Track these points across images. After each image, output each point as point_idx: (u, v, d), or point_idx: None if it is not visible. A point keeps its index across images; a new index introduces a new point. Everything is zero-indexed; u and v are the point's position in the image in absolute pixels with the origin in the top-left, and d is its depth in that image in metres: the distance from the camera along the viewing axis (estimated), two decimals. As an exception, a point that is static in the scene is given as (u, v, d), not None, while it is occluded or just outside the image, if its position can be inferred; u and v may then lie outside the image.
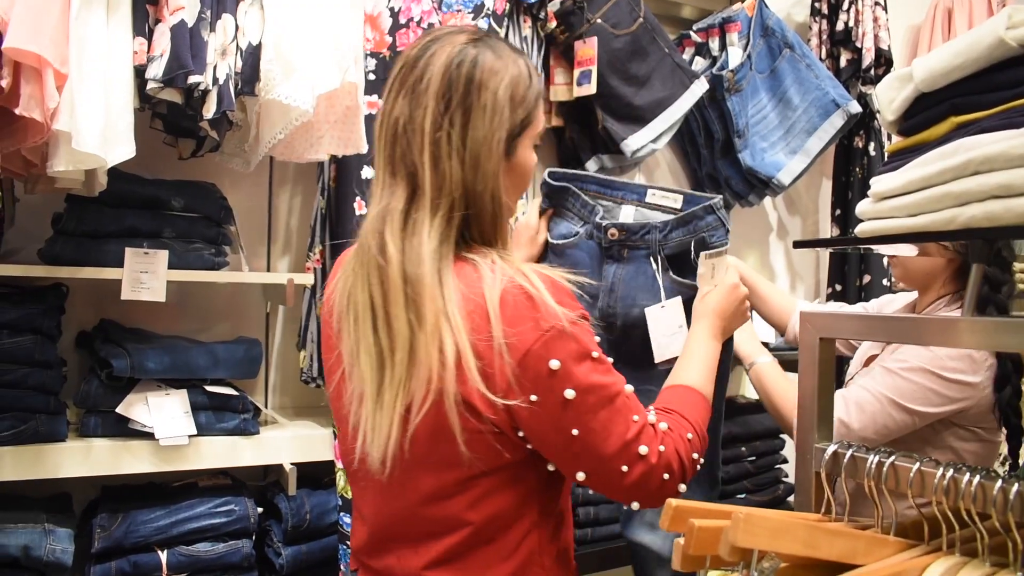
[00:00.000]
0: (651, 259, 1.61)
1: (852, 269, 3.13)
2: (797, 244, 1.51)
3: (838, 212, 3.20)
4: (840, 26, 3.00)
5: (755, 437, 2.67)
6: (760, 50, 2.82)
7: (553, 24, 2.42)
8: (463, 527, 1.15)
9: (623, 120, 2.50)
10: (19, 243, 1.94)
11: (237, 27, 1.80)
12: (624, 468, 1.12)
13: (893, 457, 1.10)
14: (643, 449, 1.13)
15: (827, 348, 1.26)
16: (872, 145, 3.11)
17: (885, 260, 3.09)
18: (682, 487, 1.17)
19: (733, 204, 2.99)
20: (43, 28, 1.56)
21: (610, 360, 1.16)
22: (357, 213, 2.16)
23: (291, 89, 1.78)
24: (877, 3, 3.00)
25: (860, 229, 1.25)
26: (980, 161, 1.06)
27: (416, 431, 1.10)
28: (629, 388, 1.16)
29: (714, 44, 2.86)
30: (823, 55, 3.06)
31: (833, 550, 1.02)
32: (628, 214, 1.67)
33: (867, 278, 3.11)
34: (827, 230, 3.29)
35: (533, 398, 1.08)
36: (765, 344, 2.62)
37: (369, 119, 2.11)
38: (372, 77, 2.17)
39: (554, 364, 1.07)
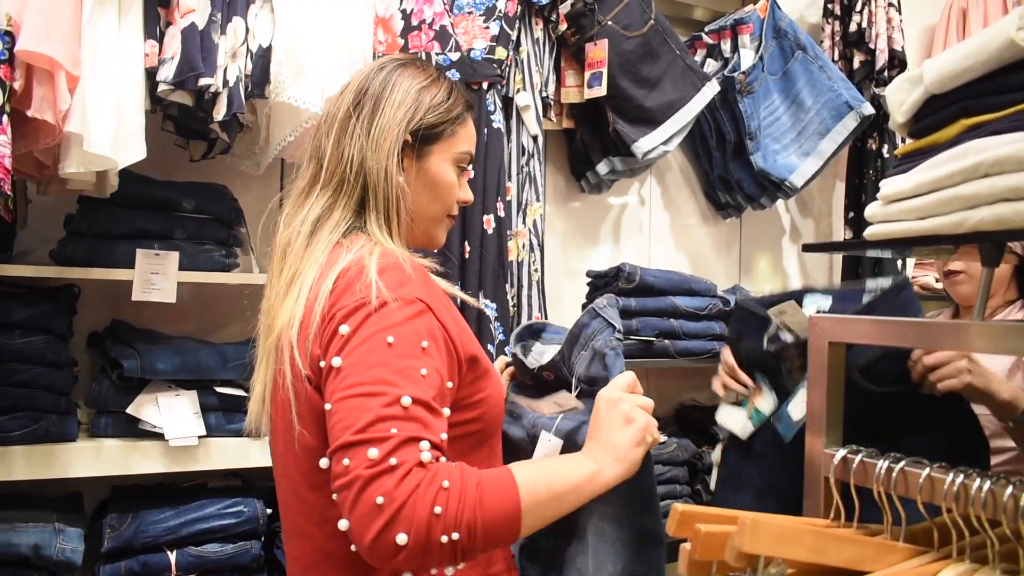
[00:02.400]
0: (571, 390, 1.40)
1: (866, 272, 3.11)
2: (807, 248, 1.50)
3: (851, 215, 3.18)
4: (853, 27, 2.99)
5: (766, 441, 2.66)
6: (772, 52, 2.81)
7: (564, 26, 2.42)
8: (325, 524, 1.09)
9: (634, 122, 2.50)
10: (31, 244, 1.96)
11: (247, 30, 1.81)
12: (345, 462, 0.96)
13: (903, 463, 1.09)
14: (373, 452, 0.95)
15: (836, 352, 1.25)
16: (886, 147, 3.09)
17: (899, 263, 3.08)
18: (401, 538, 0.93)
19: (745, 207, 2.98)
20: (55, 31, 1.58)
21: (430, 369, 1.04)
22: (367, 215, 2.16)
23: (301, 91, 1.79)
24: (891, 4, 2.98)
25: (869, 232, 1.24)
26: (990, 164, 1.04)
27: (275, 406, 1.15)
28: (407, 400, 0.99)
29: (726, 46, 2.85)
30: (836, 57, 3.04)
31: (841, 556, 1.01)
32: (551, 352, 1.48)
33: (880, 281, 3.08)
34: (840, 233, 3.27)
35: (322, 364, 1.05)
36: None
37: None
38: (382, 79, 2.17)
39: (343, 329, 1.03)
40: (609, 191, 2.83)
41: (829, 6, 3.09)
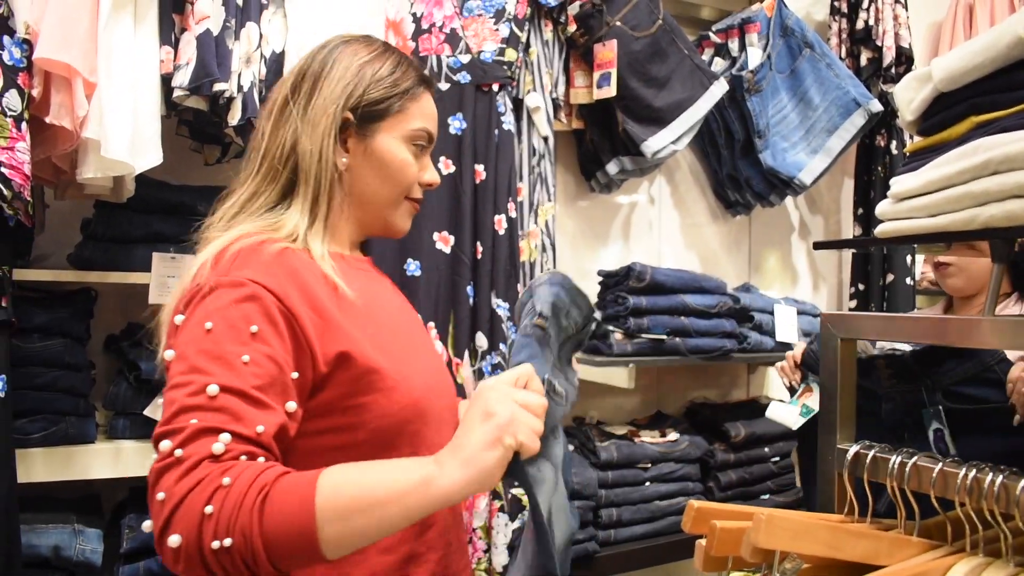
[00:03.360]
0: None
1: (875, 268, 3.12)
2: (817, 245, 1.50)
3: (860, 211, 3.18)
4: (860, 25, 2.99)
5: (778, 438, 2.67)
6: (780, 50, 2.82)
7: (573, 27, 2.43)
8: None
9: (643, 122, 2.51)
10: (49, 248, 1.98)
11: (261, 35, 1.82)
12: (154, 455, 0.88)
13: (916, 457, 1.10)
14: (165, 444, 0.86)
15: (848, 349, 1.26)
16: (894, 144, 3.10)
17: (908, 259, 3.08)
18: (173, 539, 0.82)
19: (754, 205, 2.99)
20: (72, 39, 1.60)
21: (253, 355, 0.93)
22: (380, 217, 2.18)
23: (314, 95, 1.80)
24: (897, 1, 2.98)
25: (880, 230, 1.25)
26: (1000, 160, 1.05)
27: None
28: (214, 389, 0.89)
29: (733, 45, 2.85)
30: (843, 54, 3.05)
31: (856, 551, 1.03)
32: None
33: (890, 277, 3.09)
34: (849, 229, 3.28)
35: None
36: (787, 344, 2.63)
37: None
38: (394, 82, 2.19)
39: (177, 319, 0.98)
40: (619, 190, 2.84)
41: (836, 4, 3.09)
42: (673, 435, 2.56)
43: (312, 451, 1.00)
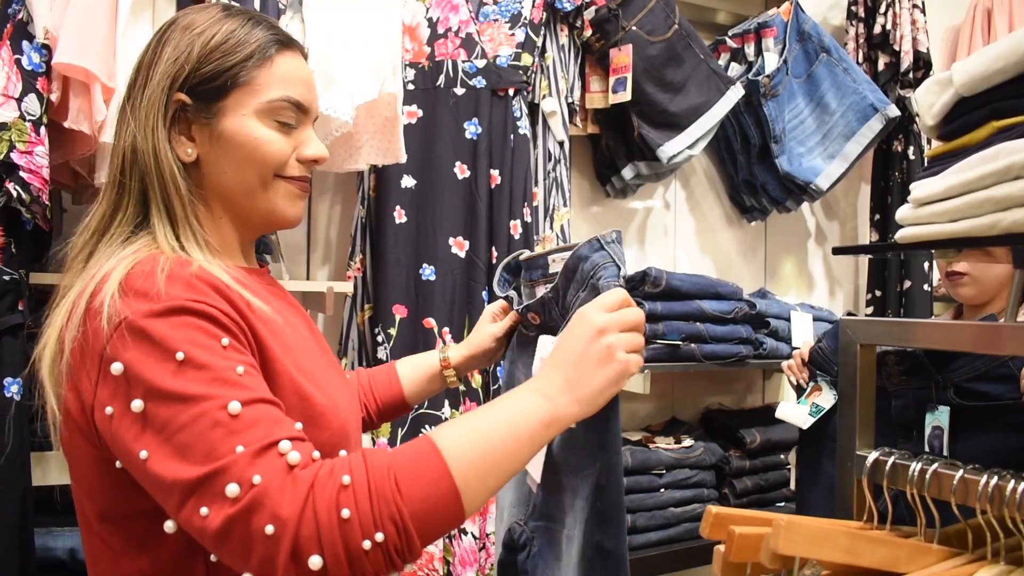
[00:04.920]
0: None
1: (892, 274, 3.10)
2: (836, 251, 1.50)
3: (877, 217, 3.16)
4: (877, 29, 2.98)
5: (794, 445, 2.65)
6: (796, 55, 2.81)
7: (589, 32, 2.43)
8: None
9: (659, 127, 2.50)
10: (66, 253, 1.98)
11: (278, 40, 1.83)
12: (203, 511, 0.78)
13: (936, 464, 1.09)
14: (231, 488, 0.78)
15: (867, 354, 1.25)
16: (911, 149, 3.08)
17: (925, 265, 3.06)
18: (314, 561, 0.76)
19: (770, 211, 2.98)
20: (91, 44, 1.61)
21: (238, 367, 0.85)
22: (397, 222, 2.18)
23: (331, 100, 1.81)
24: (915, 5, 2.97)
25: (900, 235, 1.24)
26: (1022, 165, 1.04)
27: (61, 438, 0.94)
28: (236, 407, 0.82)
29: (750, 49, 2.85)
30: (860, 59, 3.04)
31: (875, 558, 1.02)
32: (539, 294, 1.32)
33: (907, 283, 3.07)
34: (866, 235, 3.26)
35: (108, 411, 0.84)
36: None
37: (408, 129, 2.14)
38: (411, 87, 2.20)
39: (116, 368, 0.83)
40: (634, 195, 2.83)
41: (853, 8, 3.08)
42: (688, 441, 2.55)
43: None
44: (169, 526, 0.86)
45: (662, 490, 2.43)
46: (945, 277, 2.06)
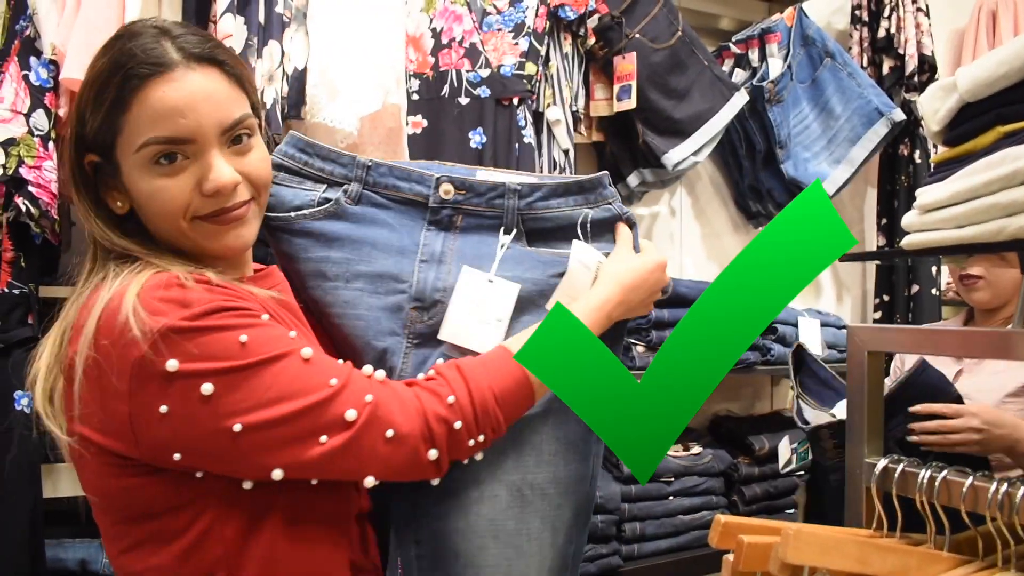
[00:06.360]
0: (500, 231, 1.17)
1: (900, 279, 3.09)
2: (843, 257, 1.50)
3: (884, 221, 3.16)
4: (881, 33, 2.98)
5: (803, 450, 2.64)
6: (800, 60, 2.81)
7: (592, 40, 2.44)
8: None
9: (664, 134, 2.50)
10: (75, 266, 1.99)
11: (283, 53, 1.83)
12: (322, 439, 0.91)
13: (945, 472, 1.08)
14: (350, 412, 0.92)
15: (875, 361, 1.25)
16: (918, 153, 3.08)
17: (933, 269, 3.05)
18: (432, 453, 0.95)
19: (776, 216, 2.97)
20: (98, 58, 1.61)
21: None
22: (401, 231, 2.19)
23: (336, 112, 1.81)
24: (919, 9, 2.96)
25: (907, 241, 1.24)
26: (1028, 171, 1.05)
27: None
28: (308, 352, 0.93)
29: (754, 55, 2.85)
30: (865, 63, 3.03)
31: (885, 566, 1.01)
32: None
33: (915, 288, 3.06)
34: (873, 239, 3.25)
35: (163, 409, 0.88)
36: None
37: (413, 139, 2.14)
38: (416, 98, 2.20)
39: (171, 365, 0.86)
40: (639, 202, 2.83)
41: (857, 12, 3.08)
42: (696, 449, 2.54)
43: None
44: (247, 485, 0.93)
45: (670, 498, 2.42)
46: (959, 281, 2.05)
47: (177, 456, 0.90)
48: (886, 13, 2.97)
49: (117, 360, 0.87)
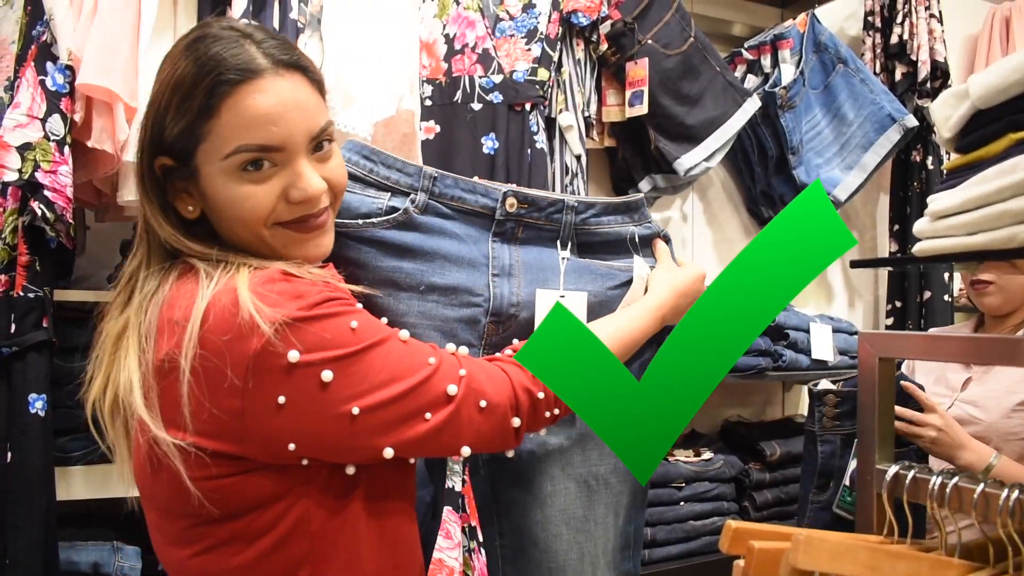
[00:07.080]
0: (558, 244, 1.25)
1: (912, 285, 3.08)
2: (855, 264, 1.50)
3: (896, 227, 3.15)
4: (894, 39, 2.97)
5: (814, 456, 2.63)
6: (813, 66, 2.81)
7: (605, 46, 2.44)
8: None
9: (676, 140, 2.51)
10: (90, 270, 2.01)
11: (297, 58, 1.85)
12: (427, 417, 0.96)
13: (956, 479, 1.08)
14: (452, 389, 0.98)
15: (886, 368, 1.25)
16: (930, 159, 3.07)
17: (945, 276, 3.04)
18: (516, 421, 1.02)
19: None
20: (113, 64, 1.63)
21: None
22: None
23: (350, 117, 1.83)
24: (932, 15, 2.96)
25: (918, 248, 1.24)
26: (1040, 178, 1.04)
27: (136, 463, 0.99)
28: (405, 334, 1.00)
29: (766, 61, 2.85)
30: (877, 69, 3.03)
31: (895, 572, 1.01)
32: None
33: (927, 294, 3.05)
34: (885, 246, 3.24)
35: (281, 400, 0.89)
36: (823, 362, 2.60)
37: (426, 145, 2.15)
38: (429, 103, 2.21)
39: (292, 356, 0.88)
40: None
41: (870, 18, 3.07)
42: (707, 454, 2.54)
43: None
44: (350, 470, 0.97)
45: (681, 503, 2.42)
46: (970, 286, 2.05)
47: (292, 446, 0.91)
48: (899, 19, 2.96)
49: (233, 355, 0.87)
